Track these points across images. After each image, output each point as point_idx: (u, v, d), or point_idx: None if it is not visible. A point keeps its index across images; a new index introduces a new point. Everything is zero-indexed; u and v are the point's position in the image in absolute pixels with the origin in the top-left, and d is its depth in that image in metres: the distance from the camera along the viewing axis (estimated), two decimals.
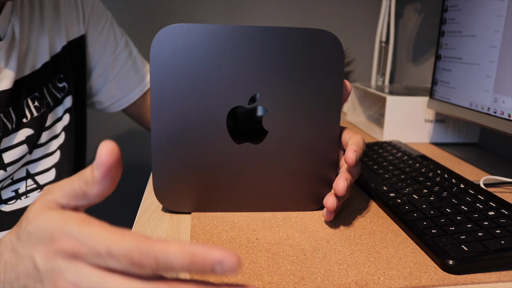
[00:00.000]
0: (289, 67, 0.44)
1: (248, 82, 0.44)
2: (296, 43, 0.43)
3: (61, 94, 0.63)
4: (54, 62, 0.62)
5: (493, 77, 0.61)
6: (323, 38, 0.43)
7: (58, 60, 0.62)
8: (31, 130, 0.57)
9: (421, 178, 0.56)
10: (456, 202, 0.48)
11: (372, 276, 0.37)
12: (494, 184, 0.60)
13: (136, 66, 0.75)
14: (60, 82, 0.63)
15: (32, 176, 0.59)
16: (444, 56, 0.73)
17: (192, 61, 0.43)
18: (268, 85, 0.44)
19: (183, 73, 0.43)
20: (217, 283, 0.26)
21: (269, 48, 0.43)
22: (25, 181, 0.59)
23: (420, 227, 0.44)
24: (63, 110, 0.64)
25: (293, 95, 0.45)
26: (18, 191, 0.58)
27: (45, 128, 0.60)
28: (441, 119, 0.82)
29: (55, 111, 0.62)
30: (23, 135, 0.56)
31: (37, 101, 0.58)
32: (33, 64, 0.58)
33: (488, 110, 0.62)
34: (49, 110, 0.61)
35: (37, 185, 0.60)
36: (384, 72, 1.19)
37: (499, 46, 0.60)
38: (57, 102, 0.63)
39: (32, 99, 0.58)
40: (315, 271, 0.38)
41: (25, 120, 0.57)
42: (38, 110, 0.59)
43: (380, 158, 0.65)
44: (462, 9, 0.68)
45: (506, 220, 0.43)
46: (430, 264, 0.39)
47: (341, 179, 0.43)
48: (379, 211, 0.51)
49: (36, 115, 0.58)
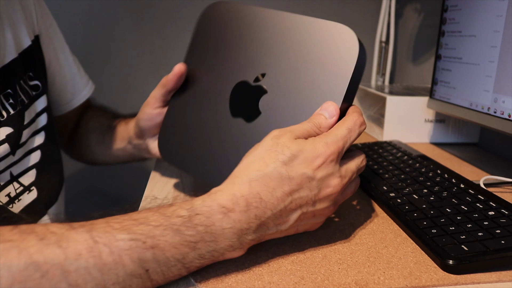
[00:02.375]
0: (300, 55, 0.44)
1: (259, 61, 0.46)
2: (313, 33, 0.44)
3: (33, 92, 0.62)
4: (23, 59, 0.61)
5: (493, 77, 0.61)
6: (340, 33, 0.42)
7: (26, 57, 0.61)
8: (10, 128, 0.56)
9: (421, 178, 0.56)
10: (456, 202, 0.48)
11: (372, 276, 0.37)
12: (494, 184, 0.59)
13: (80, 73, 0.75)
14: (31, 80, 0.62)
15: (15, 178, 0.58)
16: (444, 56, 0.73)
17: (223, 34, 0.49)
18: (275, 68, 0.45)
19: (212, 44, 0.50)
20: None
21: (287, 34, 0.45)
22: (12, 184, 0.57)
23: (420, 227, 0.44)
24: (40, 108, 0.63)
25: (295, 83, 0.44)
26: (10, 195, 0.57)
27: (25, 126, 0.59)
28: (441, 119, 0.82)
29: (31, 109, 0.61)
30: (2, 134, 0.55)
31: (11, 98, 0.57)
32: (1, 60, 0.56)
33: (488, 110, 0.62)
34: (25, 108, 0.60)
35: (23, 186, 0.59)
36: (384, 72, 1.19)
37: (499, 46, 0.60)
38: (31, 100, 0.61)
39: (5, 96, 0.56)
40: (315, 271, 0.38)
41: (2, 118, 0.55)
42: (14, 108, 0.57)
43: (380, 158, 0.65)
44: (462, 9, 0.68)
45: (506, 220, 0.43)
46: (430, 264, 0.39)
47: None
48: (379, 211, 0.51)
49: (12, 112, 0.57)
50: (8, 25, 0.59)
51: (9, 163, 0.57)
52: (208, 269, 0.38)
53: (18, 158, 0.58)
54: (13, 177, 0.58)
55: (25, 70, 0.61)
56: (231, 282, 0.36)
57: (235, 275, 0.37)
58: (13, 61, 0.58)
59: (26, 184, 0.59)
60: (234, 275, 0.37)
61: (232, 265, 0.39)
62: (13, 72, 0.58)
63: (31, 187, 0.60)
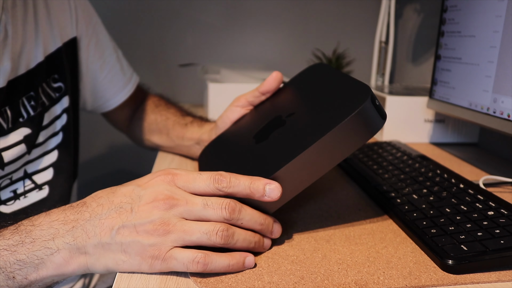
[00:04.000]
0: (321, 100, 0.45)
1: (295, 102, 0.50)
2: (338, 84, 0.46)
3: (56, 94, 0.63)
4: (49, 62, 0.62)
5: (493, 77, 0.61)
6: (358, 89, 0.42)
7: (52, 60, 0.62)
8: (29, 129, 0.58)
9: (421, 178, 0.56)
10: (456, 202, 0.48)
11: (372, 276, 0.37)
12: (493, 184, 0.60)
13: (123, 69, 0.76)
14: (55, 82, 0.63)
15: (29, 176, 0.60)
16: (443, 56, 0.73)
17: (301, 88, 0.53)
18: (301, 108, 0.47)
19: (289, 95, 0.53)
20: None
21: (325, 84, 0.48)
22: (23, 181, 0.59)
23: (420, 227, 0.44)
24: (61, 109, 0.64)
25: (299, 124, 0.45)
26: (17, 191, 0.58)
27: (43, 128, 0.61)
28: (441, 119, 0.82)
29: (51, 111, 0.63)
30: (20, 135, 0.56)
31: (33, 100, 0.58)
32: (27, 64, 0.58)
33: (487, 110, 0.62)
34: (45, 110, 0.61)
35: (34, 184, 0.60)
36: (383, 72, 1.19)
37: (499, 46, 0.60)
38: (52, 102, 0.63)
39: (28, 98, 0.58)
40: (315, 271, 0.38)
41: (22, 119, 0.57)
42: (34, 110, 0.59)
43: (380, 158, 0.65)
44: (461, 9, 0.68)
45: (505, 220, 0.43)
46: (430, 264, 0.39)
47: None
48: (379, 211, 0.51)
49: (32, 114, 0.58)
50: (40, 30, 0.60)
51: (24, 161, 0.58)
52: None
53: (35, 157, 0.60)
54: (27, 175, 0.60)
55: (50, 72, 0.63)
56: (231, 282, 0.36)
57: (235, 275, 0.37)
58: (38, 64, 0.60)
59: (39, 182, 0.61)
60: (234, 275, 0.37)
61: None
62: (37, 74, 0.60)
63: (43, 186, 0.62)
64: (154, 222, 0.36)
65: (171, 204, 0.36)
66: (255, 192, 0.38)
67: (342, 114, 0.39)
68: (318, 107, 0.45)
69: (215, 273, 0.37)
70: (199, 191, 0.38)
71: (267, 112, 0.53)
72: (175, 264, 0.36)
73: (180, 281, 0.36)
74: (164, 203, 0.36)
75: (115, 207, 0.37)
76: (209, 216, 0.37)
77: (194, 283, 0.36)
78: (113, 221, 0.36)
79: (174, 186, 0.38)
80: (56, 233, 0.36)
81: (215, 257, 0.36)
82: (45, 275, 0.36)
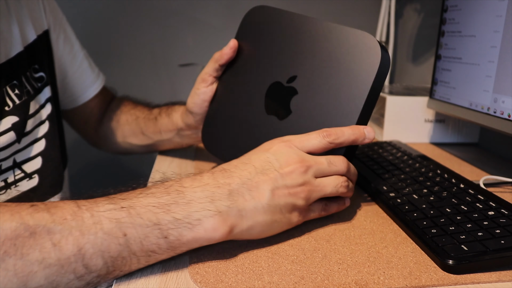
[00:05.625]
0: (328, 60, 0.48)
1: (291, 64, 0.50)
2: (341, 41, 0.47)
3: (38, 84, 0.64)
4: (29, 53, 0.62)
5: (493, 77, 0.61)
6: (364, 41, 0.46)
7: (32, 50, 0.63)
8: (16, 117, 0.58)
9: (421, 178, 0.56)
10: (456, 202, 0.48)
11: (372, 276, 0.37)
12: (494, 184, 0.60)
13: (92, 66, 0.78)
14: (36, 73, 0.64)
15: (19, 165, 0.60)
16: (444, 56, 0.73)
17: (262, 37, 0.54)
18: (306, 71, 0.49)
19: (251, 45, 0.55)
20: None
21: (317, 40, 0.49)
22: (13, 170, 0.59)
23: (420, 227, 0.44)
24: (44, 99, 0.65)
25: (322, 86, 0.48)
26: (7, 180, 0.58)
27: (30, 116, 0.61)
28: (441, 119, 0.82)
29: (36, 99, 0.63)
30: (8, 123, 0.57)
31: (17, 89, 0.59)
32: (6, 53, 0.58)
33: (488, 110, 0.62)
34: (31, 98, 0.61)
35: (24, 174, 0.60)
36: None
37: (499, 46, 0.60)
38: (35, 92, 0.63)
39: (11, 87, 0.58)
40: (315, 270, 0.38)
41: (7, 108, 0.57)
42: (20, 98, 0.59)
43: (380, 158, 0.65)
44: (462, 9, 0.68)
45: (505, 220, 0.43)
46: (430, 264, 0.39)
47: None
48: (379, 211, 0.51)
49: (18, 102, 0.58)
50: (15, 21, 0.61)
51: (14, 150, 0.59)
52: (208, 269, 0.38)
53: (23, 146, 0.60)
54: (16, 164, 0.60)
55: (30, 63, 0.63)
56: (231, 282, 0.36)
57: (235, 275, 0.37)
58: (18, 54, 0.60)
59: (29, 171, 0.61)
60: (234, 275, 0.37)
61: (232, 265, 0.39)
62: (18, 64, 0.60)
63: (33, 175, 0.62)
64: (300, 183, 0.41)
65: (306, 166, 0.41)
66: (359, 137, 0.44)
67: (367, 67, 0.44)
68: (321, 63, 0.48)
69: (215, 273, 0.37)
70: (314, 149, 0.43)
71: (252, 78, 0.54)
72: (312, 216, 0.45)
73: (180, 281, 0.36)
74: (301, 166, 0.41)
75: (261, 171, 0.40)
76: (334, 171, 0.43)
77: (194, 283, 0.36)
78: (265, 183, 0.40)
79: (297, 149, 0.43)
80: (213, 196, 0.38)
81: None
82: (198, 236, 0.36)
